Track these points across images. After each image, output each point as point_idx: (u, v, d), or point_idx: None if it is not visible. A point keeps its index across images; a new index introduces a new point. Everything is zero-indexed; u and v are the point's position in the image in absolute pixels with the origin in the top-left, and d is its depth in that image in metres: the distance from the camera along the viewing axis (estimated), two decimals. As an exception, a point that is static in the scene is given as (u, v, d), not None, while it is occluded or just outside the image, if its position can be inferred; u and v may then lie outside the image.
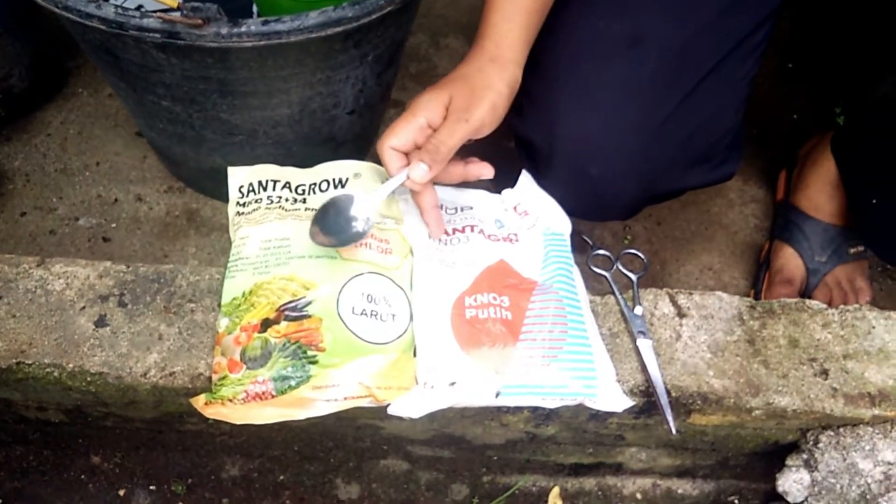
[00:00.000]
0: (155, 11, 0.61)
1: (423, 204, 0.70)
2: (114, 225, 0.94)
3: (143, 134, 0.97)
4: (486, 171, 0.72)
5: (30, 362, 0.69)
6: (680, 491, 0.89)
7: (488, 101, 0.66)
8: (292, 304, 0.68)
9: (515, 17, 0.68)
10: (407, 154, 0.67)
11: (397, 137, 0.66)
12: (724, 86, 0.76)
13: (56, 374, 0.69)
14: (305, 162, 0.79)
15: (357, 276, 0.70)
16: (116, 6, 0.62)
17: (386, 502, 0.87)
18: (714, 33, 0.73)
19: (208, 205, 0.96)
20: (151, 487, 0.85)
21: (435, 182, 0.70)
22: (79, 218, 0.94)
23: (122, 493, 0.85)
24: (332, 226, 0.69)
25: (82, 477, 0.86)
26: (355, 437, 0.82)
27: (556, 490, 0.88)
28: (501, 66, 0.67)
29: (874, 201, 0.81)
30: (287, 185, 0.78)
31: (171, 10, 0.61)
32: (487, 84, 0.66)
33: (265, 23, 0.63)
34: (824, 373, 0.73)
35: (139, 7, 0.68)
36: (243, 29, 0.62)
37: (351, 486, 0.87)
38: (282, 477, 0.87)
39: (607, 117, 0.74)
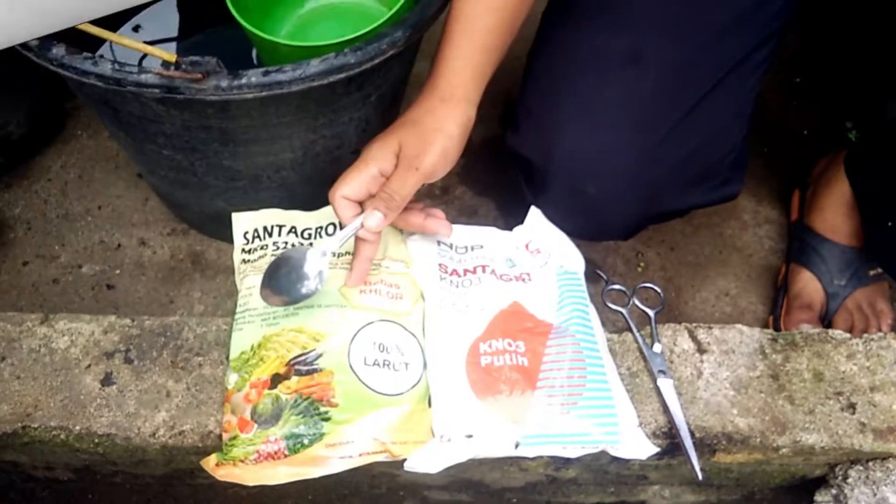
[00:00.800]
0: (153, 68, 0.60)
1: (362, 253, 0.67)
2: (117, 271, 0.92)
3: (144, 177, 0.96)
4: (443, 230, 0.71)
5: (36, 426, 0.67)
6: (705, 526, 0.86)
7: (438, 146, 0.64)
8: (302, 358, 0.66)
9: (470, 54, 0.66)
10: (361, 203, 0.66)
11: (349, 187, 0.64)
12: (725, 104, 0.75)
13: (63, 436, 0.67)
14: (310, 204, 0.77)
15: (367, 324, 0.68)
16: (113, 62, 0.61)
17: (404, 548, 0.85)
18: (715, 51, 0.72)
19: (213, 246, 0.95)
20: (163, 541, 0.84)
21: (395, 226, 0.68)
22: (82, 265, 0.93)
23: (133, 547, 0.83)
24: (284, 283, 0.66)
25: (93, 532, 0.84)
26: (370, 486, 0.80)
27: (577, 529, 0.86)
28: (453, 105, 0.65)
29: (890, 224, 0.79)
30: (293, 230, 0.76)
31: (170, 65, 0.60)
32: (437, 127, 0.64)
33: (266, 73, 0.61)
34: (851, 407, 0.71)
35: (140, 62, 0.66)
36: (244, 81, 0.61)
37: (367, 532, 0.85)
38: (296, 526, 0.85)
39: (605, 135, 0.72)
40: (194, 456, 0.67)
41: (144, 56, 0.76)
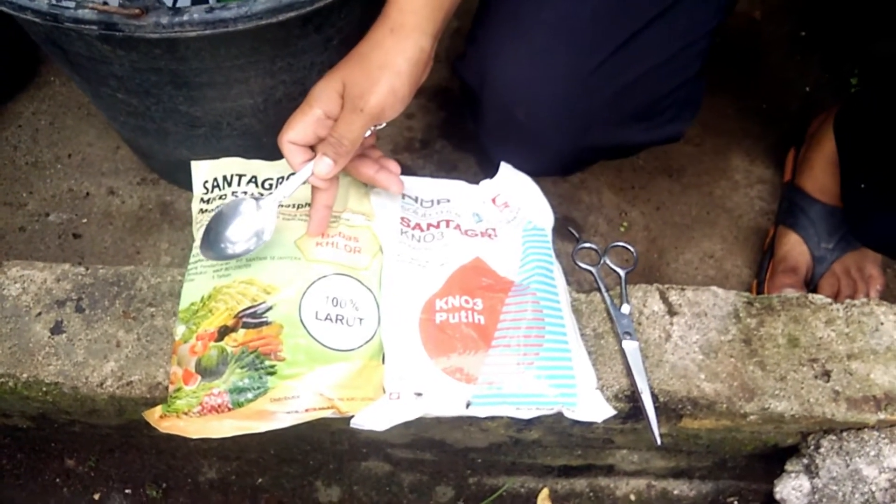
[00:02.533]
0: (90, 3, 0.57)
1: (319, 200, 0.64)
2: (85, 220, 0.91)
3: (113, 124, 0.93)
4: (393, 186, 0.67)
5: (-17, 373, 0.66)
6: (676, 492, 0.85)
7: (385, 84, 0.59)
8: (251, 310, 0.64)
9: None
10: (313, 147, 0.62)
11: (294, 132, 0.61)
12: (672, 35, 0.70)
13: (11, 384, 0.66)
14: (276, 153, 0.74)
15: (322, 278, 0.66)
16: (51, -4, 0.58)
17: (368, 505, 0.84)
18: None
19: (183, 197, 0.93)
20: (127, 491, 0.83)
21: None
22: (49, 213, 0.91)
23: (97, 496, 0.83)
24: (231, 234, 0.63)
25: (57, 480, 0.84)
26: (332, 441, 0.79)
27: (545, 491, 0.84)
28: (403, 36, 0.60)
29: (862, 185, 0.75)
30: (253, 180, 0.74)
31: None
32: (384, 63, 0.59)
33: (209, 10, 0.58)
34: (826, 374, 0.68)
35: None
36: (185, 18, 0.58)
37: (331, 488, 0.84)
38: (260, 480, 0.84)
39: (538, 59, 0.69)
40: (143, 407, 0.66)
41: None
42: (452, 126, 1.01)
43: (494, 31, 0.70)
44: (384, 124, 0.64)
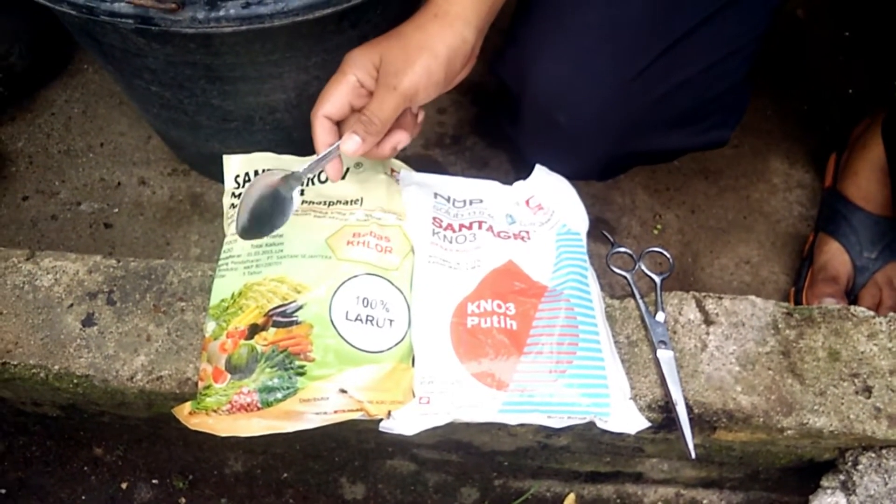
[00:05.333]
0: (126, -5, 0.56)
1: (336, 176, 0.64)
2: (116, 210, 0.91)
3: (145, 115, 0.93)
4: (402, 139, 0.64)
5: (15, 363, 0.66)
6: (705, 502, 0.83)
7: (421, 65, 0.58)
8: (282, 309, 0.63)
9: None
10: (339, 124, 0.61)
11: (330, 103, 0.60)
12: (719, 39, 0.68)
13: (42, 375, 0.67)
14: (307, 148, 0.73)
15: (352, 277, 0.65)
16: (87, -11, 0.57)
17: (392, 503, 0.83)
18: None
19: (213, 189, 0.92)
20: (154, 481, 0.84)
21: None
22: (81, 203, 0.91)
23: (124, 486, 0.83)
24: (261, 217, 0.63)
25: (85, 469, 0.84)
26: (358, 440, 0.78)
27: (571, 496, 0.83)
28: (446, 23, 0.59)
29: None
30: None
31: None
32: (423, 45, 0.58)
33: (246, 6, 0.57)
34: (867, 390, 0.66)
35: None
36: (222, 13, 0.57)
37: (356, 485, 0.84)
38: (285, 475, 0.84)
39: (580, 60, 0.67)
40: (172, 402, 0.66)
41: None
42: (485, 122, 0.99)
43: (536, 32, 0.68)
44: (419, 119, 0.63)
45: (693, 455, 0.62)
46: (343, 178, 0.71)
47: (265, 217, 0.63)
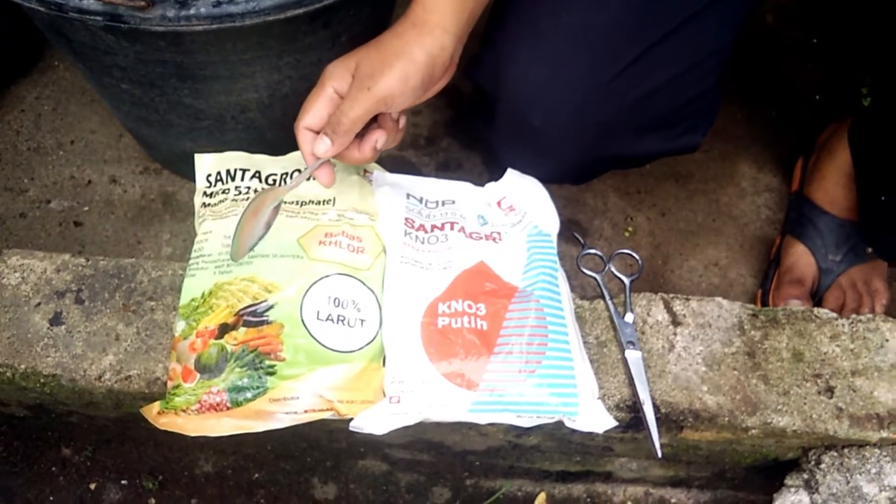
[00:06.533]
0: (96, -9, 0.56)
1: (328, 182, 0.64)
2: (86, 208, 0.90)
3: (116, 112, 0.93)
4: (380, 137, 0.63)
5: (-20, 363, 0.66)
6: (674, 500, 0.84)
7: (398, 69, 0.58)
8: (252, 309, 0.63)
9: None
10: None
11: (310, 115, 0.60)
12: (692, 47, 0.69)
13: (9, 374, 0.66)
14: (281, 148, 0.74)
15: (324, 277, 0.65)
16: (55, -15, 0.57)
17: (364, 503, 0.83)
18: None
19: (185, 187, 0.92)
20: (123, 482, 0.83)
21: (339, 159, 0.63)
22: (50, 200, 0.90)
23: (93, 486, 0.83)
24: (250, 238, 0.63)
25: (53, 469, 0.83)
26: (330, 439, 0.79)
27: (542, 496, 0.84)
28: (425, 31, 0.59)
29: (883, 198, 0.74)
30: (257, 175, 0.73)
31: (113, -11, 0.56)
32: (400, 51, 0.58)
33: (216, 4, 0.57)
34: (829, 390, 0.67)
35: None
36: (192, 12, 0.57)
37: (328, 486, 0.84)
38: (256, 475, 0.84)
39: (555, 65, 0.68)
40: (141, 401, 0.65)
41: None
42: (459, 124, 1.00)
43: (511, 36, 0.69)
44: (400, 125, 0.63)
45: (660, 454, 0.63)
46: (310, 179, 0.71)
47: (254, 237, 0.63)
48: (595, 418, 0.62)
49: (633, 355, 0.66)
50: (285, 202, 0.71)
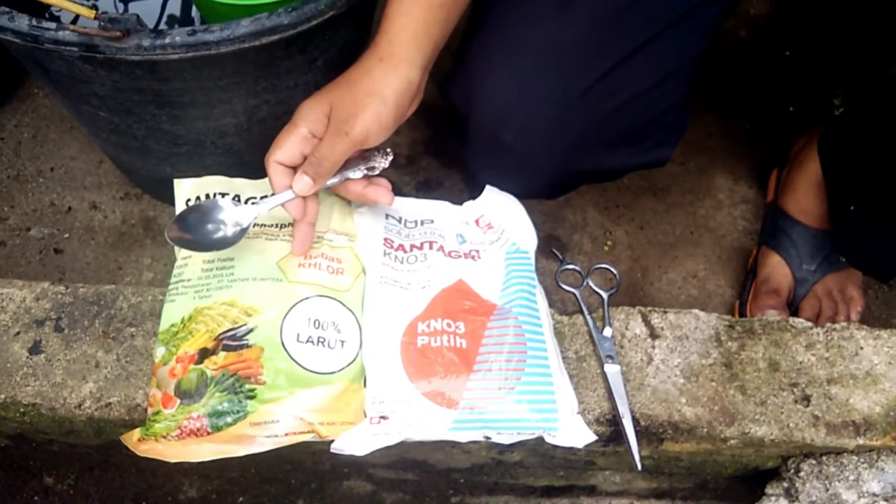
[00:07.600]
0: (71, 25, 0.56)
1: (302, 220, 0.65)
2: (66, 235, 0.90)
3: (96, 139, 0.93)
4: (383, 197, 0.67)
5: (-41, 393, 0.65)
6: (658, 512, 0.85)
7: (371, 111, 0.60)
8: (232, 333, 0.63)
9: (413, 10, 0.61)
10: (295, 168, 0.63)
11: (282, 151, 0.62)
12: (660, 61, 0.70)
13: (-12, 405, 0.66)
14: (259, 171, 0.74)
15: (304, 299, 0.66)
16: (31, 18, 0.57)
17: (350, 524, 0.83)
18: (654, 4, 0.67)
19: (166, 212, 0.92)
20: (106, 510, 0.83)
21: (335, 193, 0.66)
22: (30, 228, 0.90)
23: (76, 515, 0.82)
24: (195, 225, 0.64)
25: (35, 498, 0.83)
26: (314, 461, 0.79)
27: (527, 511, 0.84)
28: (392, 66, 0.61)
29: (852, 208, 0.75)
30: (236, 199, 0.73)
31: (89, 20, 0.56)
32: (371, 91, 0.60)
33: (192, 33, 0.58)
34: (806, 399, 0.68)
35: (74, 21, 0.63)
36: (167, 41, 0.57)
37: (314, 507, 0.84)
38: (241, 499, 0.83)
39: (525, 80, 0.69)
40: (122, 429, 0.65)
41: (78, 17, 0.72)
42: (438, 143, 1.01)
43: (481, 52, 0.70)
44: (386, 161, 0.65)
45: (640, 467, 0.63)
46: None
47: (202, 229, 0.64)
48: (575, 433, 0.63)
49: (612, 369, 0.67)
50: (265, 225, 0.72)
